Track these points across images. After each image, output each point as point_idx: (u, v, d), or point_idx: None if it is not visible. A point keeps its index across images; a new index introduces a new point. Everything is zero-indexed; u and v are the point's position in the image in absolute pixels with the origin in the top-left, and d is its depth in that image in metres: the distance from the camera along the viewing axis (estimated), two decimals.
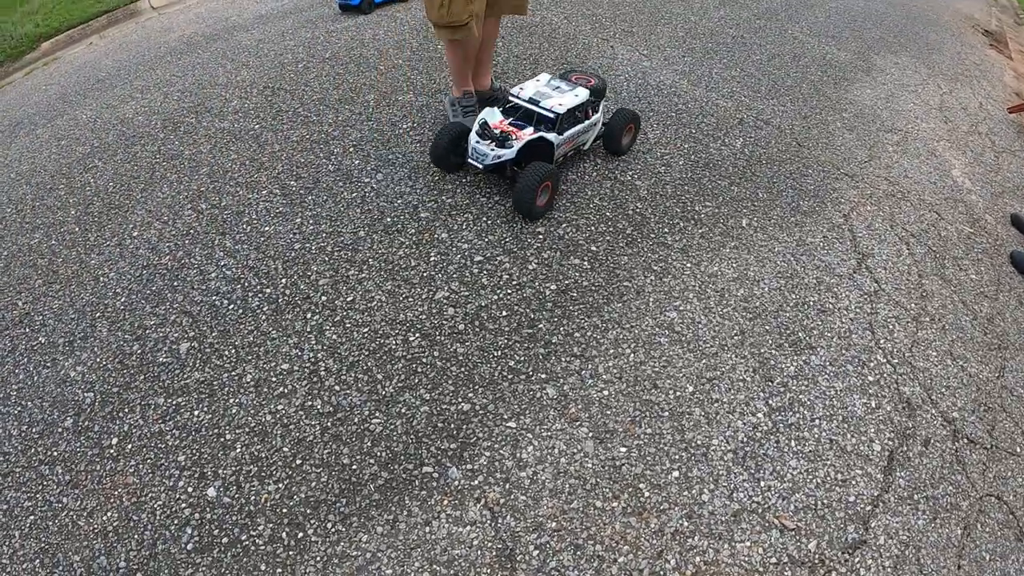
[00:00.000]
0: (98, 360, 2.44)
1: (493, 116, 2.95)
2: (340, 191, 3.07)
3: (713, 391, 2.26)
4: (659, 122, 3.65)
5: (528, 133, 2.84)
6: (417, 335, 2.38)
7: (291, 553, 1.86)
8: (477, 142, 2.84)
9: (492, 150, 2.79)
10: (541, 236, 2.78)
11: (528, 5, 3.41)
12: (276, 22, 5.37)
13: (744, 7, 5.84)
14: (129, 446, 2.14)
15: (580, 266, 2.67)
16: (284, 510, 1.93)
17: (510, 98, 3.02)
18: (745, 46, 4.95)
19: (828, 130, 3.95)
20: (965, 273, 3.07)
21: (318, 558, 1.84)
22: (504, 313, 2.46)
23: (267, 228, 2.90)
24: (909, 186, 3.58)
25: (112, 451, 2.14)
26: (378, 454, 2.03)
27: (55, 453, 2.17)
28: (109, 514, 1.98)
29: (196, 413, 2.20)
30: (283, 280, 2.64)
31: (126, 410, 2.25)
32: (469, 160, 2.88)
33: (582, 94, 3.01)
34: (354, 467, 2.01)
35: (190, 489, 2.01)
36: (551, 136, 2.87)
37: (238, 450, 2.08)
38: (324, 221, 2.90)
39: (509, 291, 2.54)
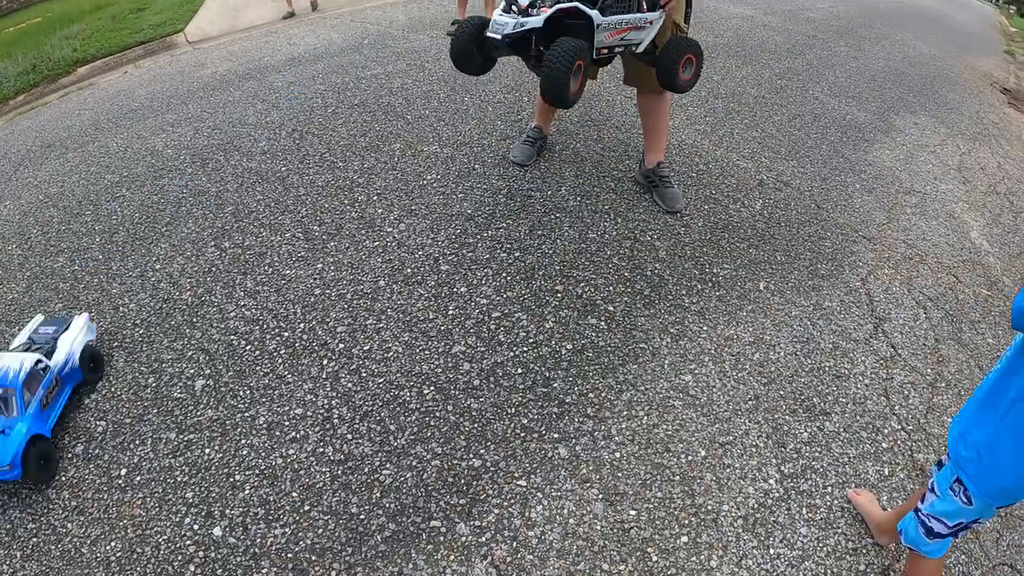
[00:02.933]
0: (112, 389, 2.46)
1: None
2: (362, 239, 3.12)
3: (725, 456, 2.26)
4: (680, 182, 3.68)
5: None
6: (432, 388, 2.40)
7: None
8: (499, 15, 2.51)
9: (514, 19, 2.45)
10: (559, 294, 2.82)
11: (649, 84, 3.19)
12: (308, 65, 5.51)
13: (766, 67, 5.93)
14: (138, 478, 2.15)
15: (597, 326, 2.69)
16: (289, 555, 1.93)
17: None
18: (766, 106, 5.01)
19: (847, 192, 3.99)
20: (982, 337, 3.05)
21: None
22: (519, 370, 2.48)
23: (288, 271, 2.94)
24: (927, 249, 3.60)
25: (120, 482, 2.15)
26: (387, 505, 2.04)
27: (63, 478, 2.18)
28: (113, 544, 1.98)
29: (207, 451, 2.21)
30: (301, 325, 2.67)
31: (137, 442, 2.26)
32: (488, 34, 2.55)
33: None
34: (362, 516, 2.01)
35: (196, 526, 2.01)
36: (591, 11, 2.48)
37: (246, 491, 2.09)
38: (345, 268, 2.95)
39: (525, 348, 2.57)
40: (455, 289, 2.83)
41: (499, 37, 2.49)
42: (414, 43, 5.98)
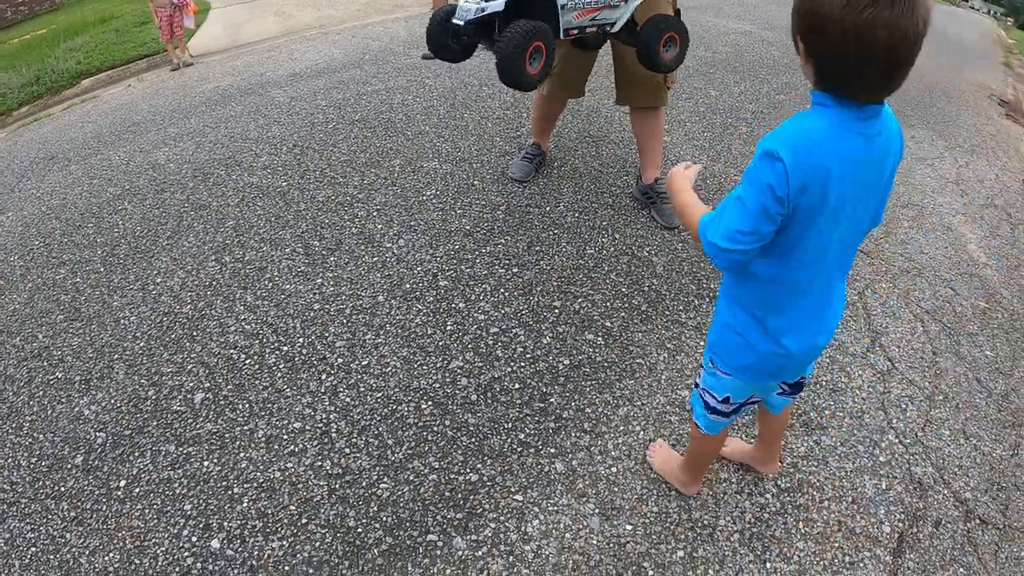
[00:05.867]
0: (113, 401, 2.48)
1: None
2: (361, 254, 3.15)
3: (722, 471, 2.26)
4: None
5: None
6: (430, 403, 2.42)
7: None
8: (464, 1, 2.50)
9: (476, 3, 2.45)
10: (557, 310, 2.84)
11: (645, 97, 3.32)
12: (309, 81, 5.55)
13: (764, 82, 5.96)
14: (137, 490, 2.16)
15: (594, 342, 2.71)
16: (286, 568, 1.94)
17: None
18: (764, 121, 5.03)
19: None
20: (980, 350, 3.04)
21: None
22: (517, 386, 2.50)
23: (288, 286, 2.97)
24: (925, 262, 3.61)
25: (119, 493, 2.16)
26: (384, 519, 2.05)
27: (62, 488, 2.19)
28: (111, 555, 1.99)
29: (206, 464, 2.23)
30: (300, 339, 2.69)
31: (136, 454, 2.28)
32: (453, 20, 2.54)
33: None
34: (359, 530, 2.02)
35: (194, 538, 2.02)
36: None
37: (245, 504, 2.10)
38: (344, 283, 2.97)
39: (523, 364, 2.59)
40: (453, 305, 2.85)
41: (462, 23, 2.49)
42: (415, 59, 6.03)
